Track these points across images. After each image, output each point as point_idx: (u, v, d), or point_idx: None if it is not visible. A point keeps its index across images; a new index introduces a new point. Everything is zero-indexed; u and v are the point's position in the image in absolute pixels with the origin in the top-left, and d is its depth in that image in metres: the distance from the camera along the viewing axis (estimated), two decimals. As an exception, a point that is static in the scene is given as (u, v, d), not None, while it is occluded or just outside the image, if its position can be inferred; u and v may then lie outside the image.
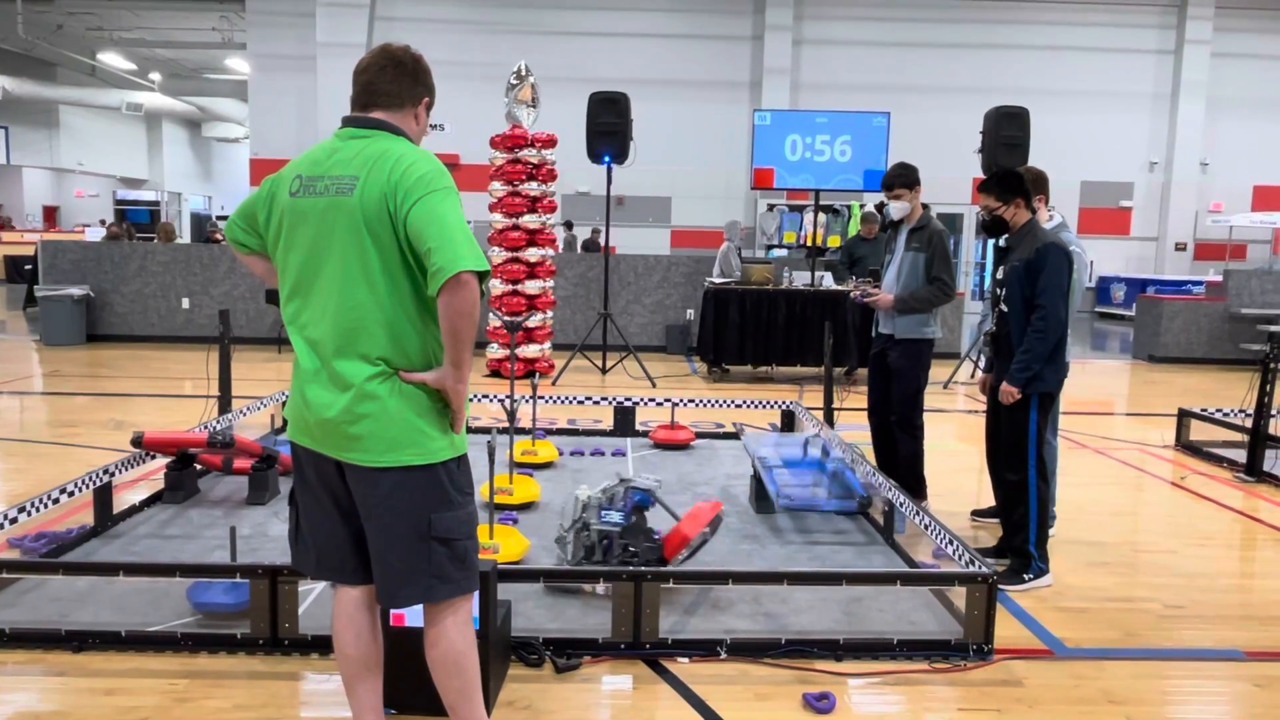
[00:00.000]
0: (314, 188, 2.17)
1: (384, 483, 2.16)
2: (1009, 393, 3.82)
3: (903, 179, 4.77)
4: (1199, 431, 6.73)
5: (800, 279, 9.67)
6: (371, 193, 2.11)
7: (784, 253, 15.94)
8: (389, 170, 2.11)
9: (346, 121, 2.27)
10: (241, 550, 3.91)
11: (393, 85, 2.26)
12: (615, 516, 3.64)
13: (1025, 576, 3.90)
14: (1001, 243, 4.14)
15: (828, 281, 9.66)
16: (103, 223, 18.71)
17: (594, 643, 3.18)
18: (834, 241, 15.98)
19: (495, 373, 9.26)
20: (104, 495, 4.26)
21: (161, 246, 11.51)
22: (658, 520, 3.90)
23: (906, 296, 4.73)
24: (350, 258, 2.13)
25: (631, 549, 3.61)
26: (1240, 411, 6.51)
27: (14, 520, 3.56)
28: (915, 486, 4.81)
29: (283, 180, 2.25)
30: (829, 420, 5.92)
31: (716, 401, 6.52)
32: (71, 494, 3.96)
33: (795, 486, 4.67)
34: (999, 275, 4.02)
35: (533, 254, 9.09)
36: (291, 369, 2.30)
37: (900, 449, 4.84)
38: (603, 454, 5.97)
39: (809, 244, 12.57)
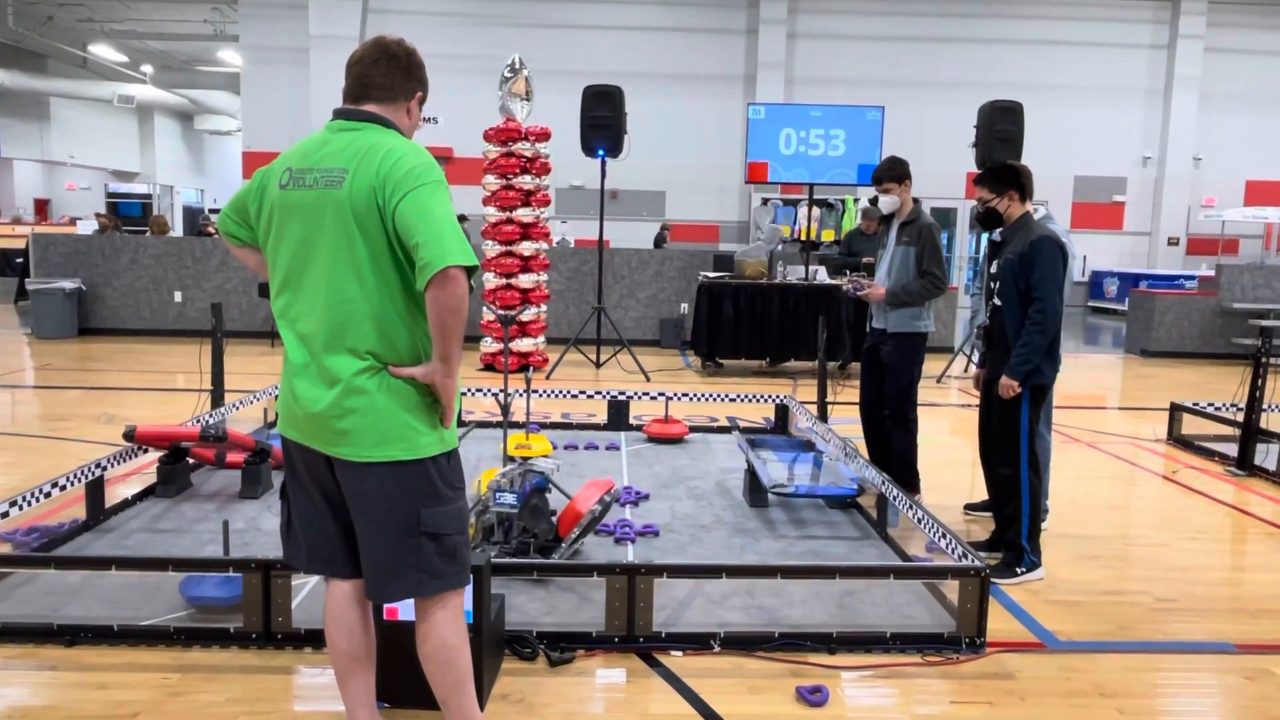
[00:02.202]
0: (304, 180, 2.15)
1: (372, 477, 2.15)
2: (1009, 386, 3.82)
3: (891, 173, 4.78)
4: (1191, 426, 6.75)
5: (794, 273, 9.67)
6: (360, 185, 2.09)
7: (778, 247, 15.92)
8: (378, 163, 2.10)
9: (338, 114, 2.25)
10: (234, 544, 3.91)
11: (385, 79, 2.24)
12: (510, 499, 3.73)
13: (1017, 570, 3.91)
14: (995, 236, 4.15)
15: (822, 276, 9.66)
16: (98, 216, 18.61)
17: (588, 636, 3.18)
18: (828, 236, 16.00)
19: (489, 367, 9.25)
20: (96, 489, 4.24)
21: (153, 240, 11.46)
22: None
23: (897, 290, 4.74)
24: (339, 251, 2.11)
25: (529, 529, 3.75)
26: (1232, 406, 6.54)
27: (5, 514, 3.54)
28: (908, 480, 4.82)
29: (273, 172, 2.24)
30: (823, 414, 5.92)
31: (711, 396, 6.53)
32: (63, 488, 3.95)
33: (791, 476, 4.68)
34: (993, 269, 4.03)
35: (526, 248, 9.08)
36: (282, 363, 2.28)
37: (893, 443, 4.85)
38: (596, 448, 5.97)
39: (803, 238, 12.57)
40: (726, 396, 6.47)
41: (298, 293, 2.19)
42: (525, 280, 9.12)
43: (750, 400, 6.51)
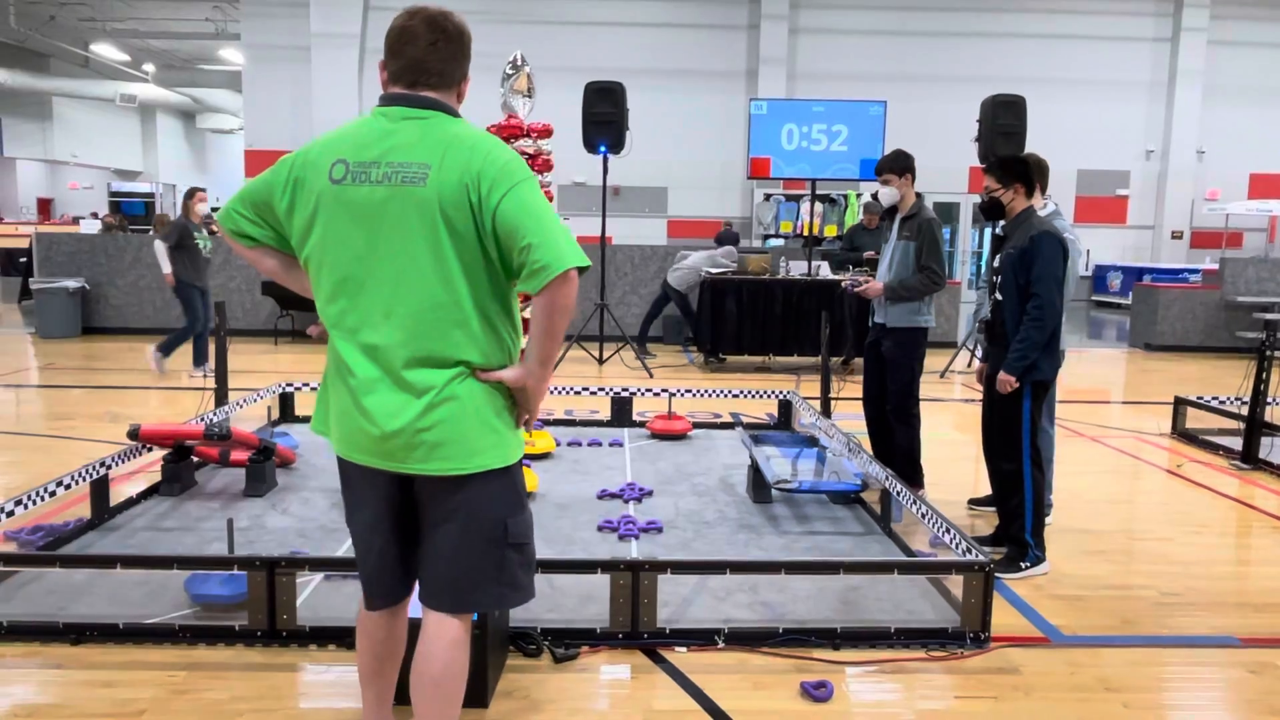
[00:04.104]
0: (368, 175, 1.94)
1: (463, 489, 2.03)
2: (1006, 382, 3.82)
3: (892, 164, 4.77)
4: (1195, 419, 6.74)
5: (797, 269, 9.66)
6: (449, 182, 1.91)
7: (781, 243, 15.92)
8: (467, 158, 1.92)
9: (395, 99, 2.02)
10: (239, 542, 3.91)
11: (445, 64, 2.02)
12: None
13: (1022, 565, 3.91)
14: (999, 230, 4.14)
15: (824, 271, 9.66)
16: (95, 215, 18.60)
17: (592, 632, 3.19)
18: (830, 231, 15.98)
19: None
20: (101, 488, 4.25)
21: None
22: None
23: (896, 285, 4.73)
24: (422, 254, 1.93)
25: None
26: (1236, 399, 6.53)
27: (11, 513, 3.55)
28: (912, 475, 4.82)
29: (314, 164, 2.00)
30: (826, 410, 5.92)
31: (714, 392, 6.52)
32: (68, 487, 3.95)
33: (795, 472, 4.68)
34: (995, 263, 4.02)
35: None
36: (332, 378, 2.07)
37: (896, 438, 4.84)
38: (600, 444, 5.97)
39: (806, 234, 12.56)
40: (730, 392, 6.47)
41: (358, 299, 1.98)
42: (528, 277, 9.10)
43: (753, 396, 6.50)
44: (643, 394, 6.50)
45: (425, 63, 2.00)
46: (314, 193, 1.98)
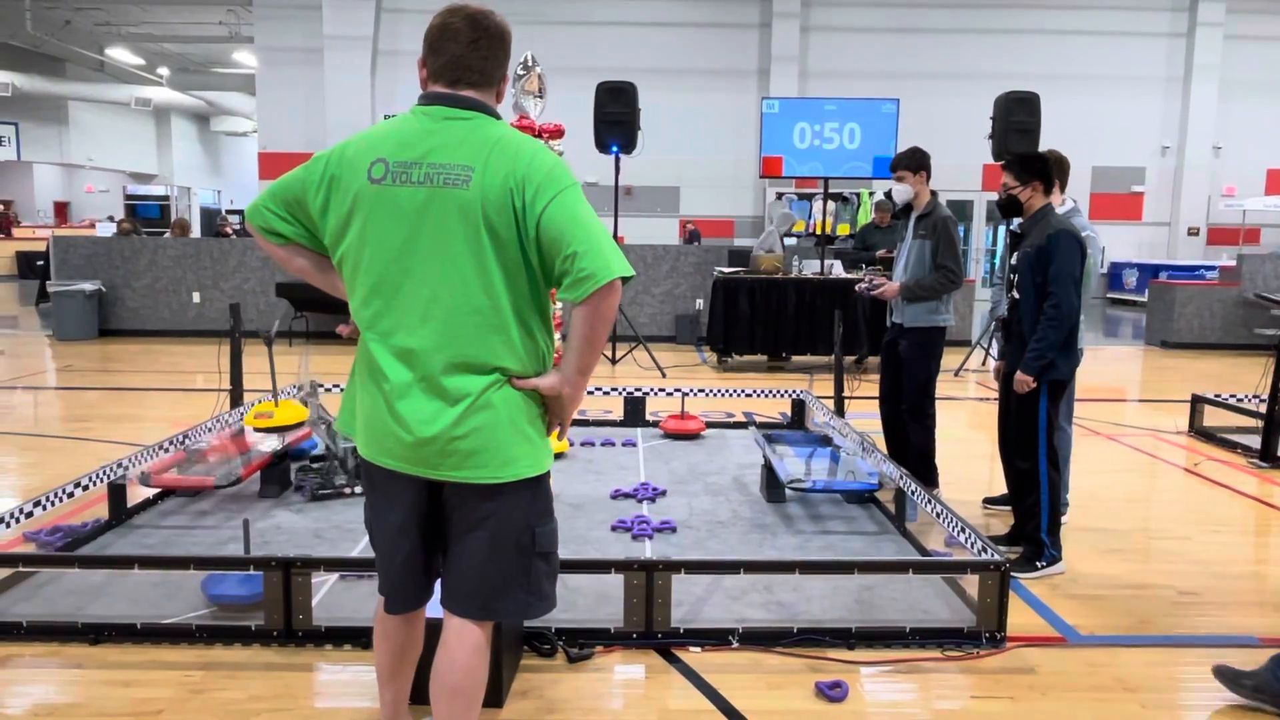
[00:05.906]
0: (408, 175, 1.90)
1: (496, 497, 2.00)
2: (1023, 381, 3.80)
3: (907, 161, 4.74)
4: (1212, 417, 6.69)
5: (809, 268, 9.64)
6: (493, 185, 1.88)
7: (793, 242, 15.89)
8: (512, 162, 1.89)
9: (435, 99, 1.99)
10: (255, 543, 3.94)
11: (486, 62, 1.99)
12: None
13: (1038, 564, 3.89)
14: (1015, 228, 4.12)
15: (837, 270, 9.63)
16: (111, 218, 18.75)
17: (606, 632, 3.19)
18: (843, 230, 15.92)
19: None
20: (118, 489, 4.28)
21: (172, 241, 11.55)
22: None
23: (912, 284, 4.71)
24: (462, 257, 1.90)
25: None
26: (1254, 397, 6.48)
27: (29, 514, 3.58)
28: (927, 475, 4.80)
29: (351, 162, 1.96)
30: (840, 409, 5.90)
31: (727, 391, 6.51)
32: (86, 488, 3.98)
33: (808, 471, 4.66)
34: (1012, 261, 4.00)
35: (541, 245, 9.07)
36: (362, 380, 2.05)
37: (911, 437, 4.82)
38: (613, 444, 5.97)
39: (818, 232, 12.54)
40: (743, 392, 6.45)
41: (393, 302, 1.94)
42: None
43: (766, 395, 6.48)
44: (656, 394, 6.50)
45: (466, 60, 1.98)
46: (351, 191, 1.95)
